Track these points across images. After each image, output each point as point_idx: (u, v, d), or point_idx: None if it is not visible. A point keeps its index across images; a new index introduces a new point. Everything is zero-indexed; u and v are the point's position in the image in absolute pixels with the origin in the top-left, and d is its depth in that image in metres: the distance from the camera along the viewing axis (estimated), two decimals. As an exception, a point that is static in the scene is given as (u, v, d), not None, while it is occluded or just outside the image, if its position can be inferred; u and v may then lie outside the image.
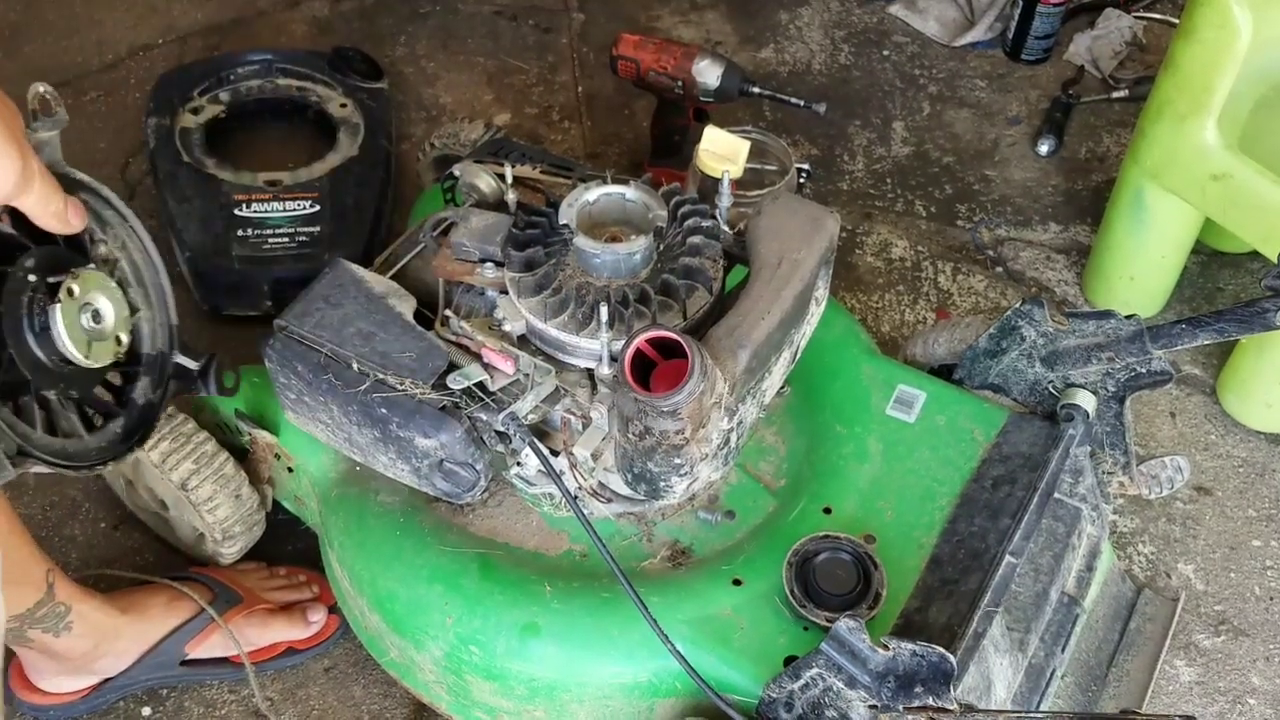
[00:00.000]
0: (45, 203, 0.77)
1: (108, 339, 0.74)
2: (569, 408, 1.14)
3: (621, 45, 1.72)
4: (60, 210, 0.79)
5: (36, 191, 0.76)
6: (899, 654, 0.99)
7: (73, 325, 0.73)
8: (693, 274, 1.12)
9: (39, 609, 1.18)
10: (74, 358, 0.72)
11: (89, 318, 0.75)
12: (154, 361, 0.76)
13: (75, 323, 0.73)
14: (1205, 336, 1.22)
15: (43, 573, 1.18)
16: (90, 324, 0.75)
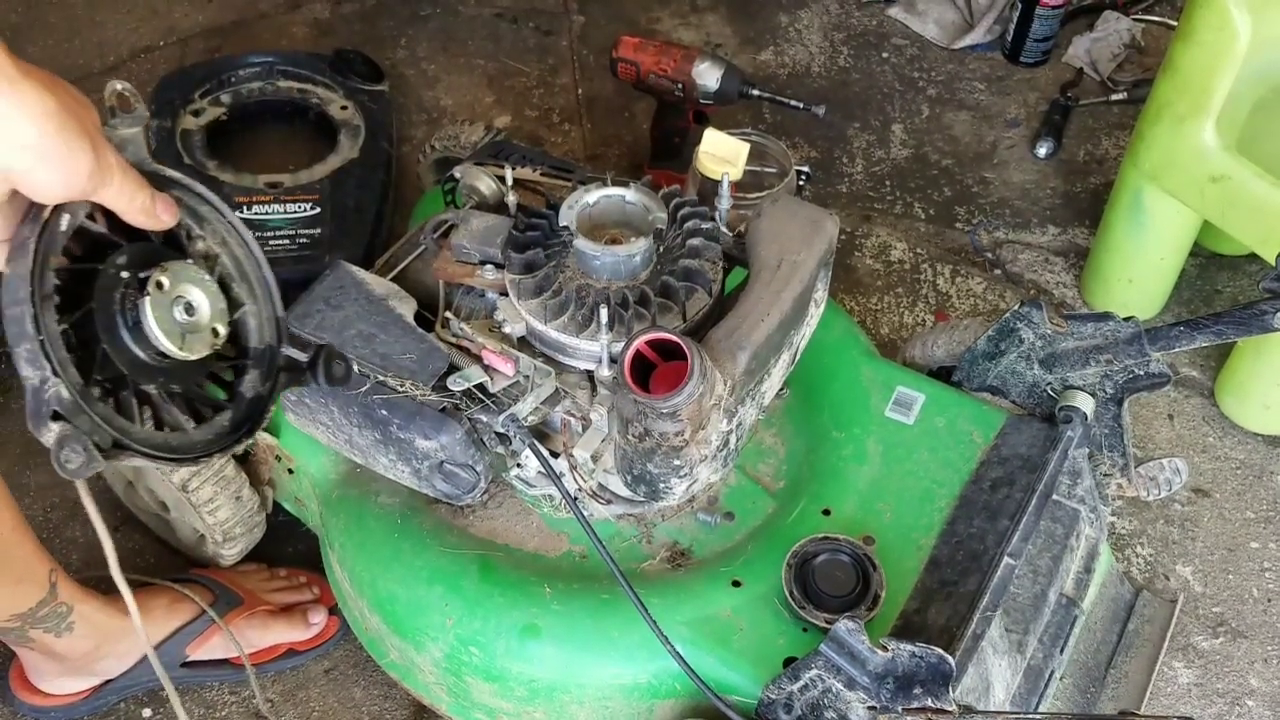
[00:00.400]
0: (129, 198, 0.77)
1: (203, 331, 0.74)
2: (569, 409, 1.14)
3: (621, 48, 1.72)
4: (147, 205, 0.78)
5: (116, 186, 0.76)
6: (898, 655, 0.99)
7: (164, 318, 0.73)
8: (692, 276, 1.12)
9: (41, 608, 1.18)
10: (168, 350, 0.72)
11: (182, 310, 0.75)
12: (262, 355, 0.77)
13: (167, 315, 0.73)
14: (1203, 339, 1.22)
15: (45, 572, 1.18)
16: (184, 316, 0.75)
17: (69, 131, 0.72)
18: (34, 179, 0.72)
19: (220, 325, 0.75)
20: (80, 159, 0.72)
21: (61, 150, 0.72)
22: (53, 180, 0.72)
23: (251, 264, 0.80)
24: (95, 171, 0.74)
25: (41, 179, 0.72)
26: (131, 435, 0.72)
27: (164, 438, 0.74)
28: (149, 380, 0.75)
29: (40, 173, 0.72)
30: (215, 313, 0.76)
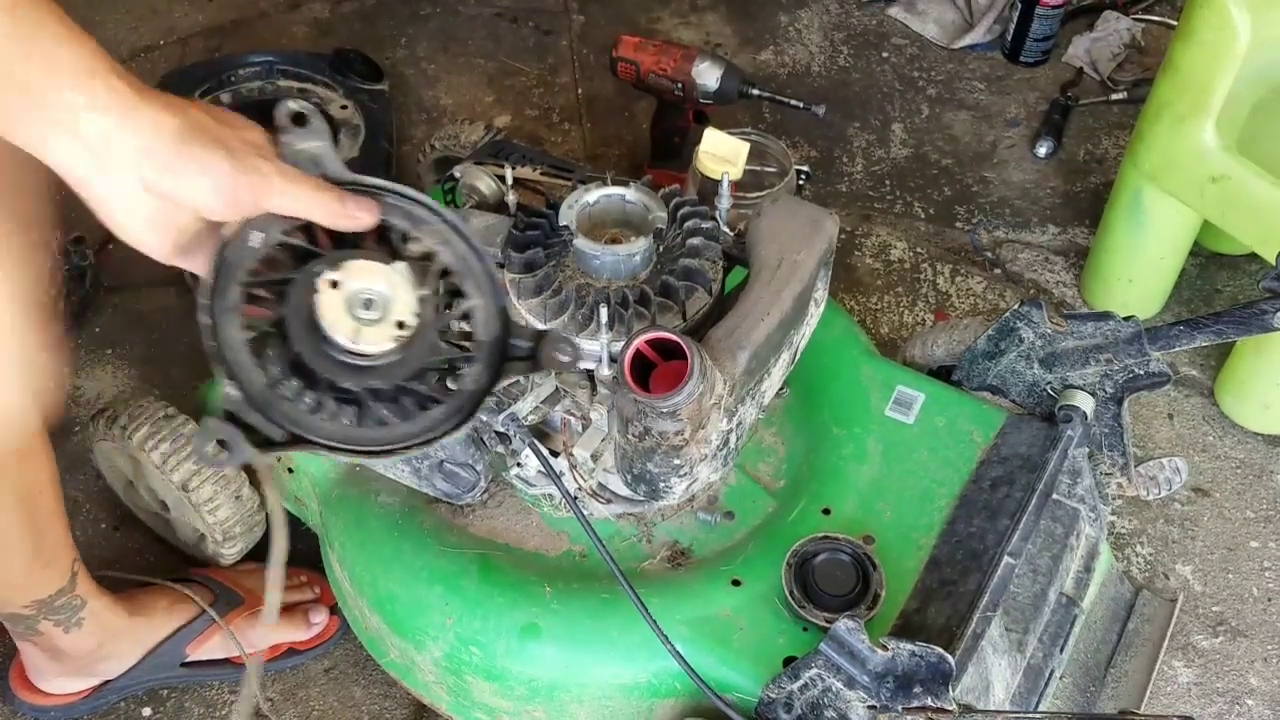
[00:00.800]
0: (309, 203, 0.78)
1: (385, 324, 0.74)
2: (569, 409, 1.14)
3: (621, 47, 1.72)
4: (335, 208, 0.79)
5: (284, 194, 0.77)
6: (898, 654, 0.99)
7: (337, 312, 0.74)
8: (692, 275, 1.12)
9: (59, 597, 1.18)
10: (340, 342, 0.74)
11: (361, 305, 0.75)
12: (488, 347, 0.78)
13: (342, 311, 0.74)
14: (1203, 338, 1.23)
15: (70, 561, 1.18)
16: (365, 312, 0.75)
17: (194, 145, 0.74)
18: (181, 196, 0.74)
19: (407, 317, 0.75)
20: (214, 171, 0.73)
21: (191, 164, 0.73)
22: (197, 194, 0.74)
23: (474, 259, 0.81)
24: (241, 182, 0.75)
25: (185, 195, 0.74)
26: (314, 430, 0.74)
27: (356, 432, 0.75)
28: (349, 379, 0.75)
29: (180, 189, 0.74)
30: (403, 306, 0.76)
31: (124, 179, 0.73)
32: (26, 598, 1.16)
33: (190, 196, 0.75)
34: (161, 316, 1.76)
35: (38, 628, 1.20)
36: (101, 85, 0.72)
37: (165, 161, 0.73)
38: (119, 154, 0.73)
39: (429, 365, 0.78)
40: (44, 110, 0.71)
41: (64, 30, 0.73)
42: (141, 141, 0.73)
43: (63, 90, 0.71)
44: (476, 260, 0.82)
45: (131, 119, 0.72)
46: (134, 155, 0.73)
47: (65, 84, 0.71)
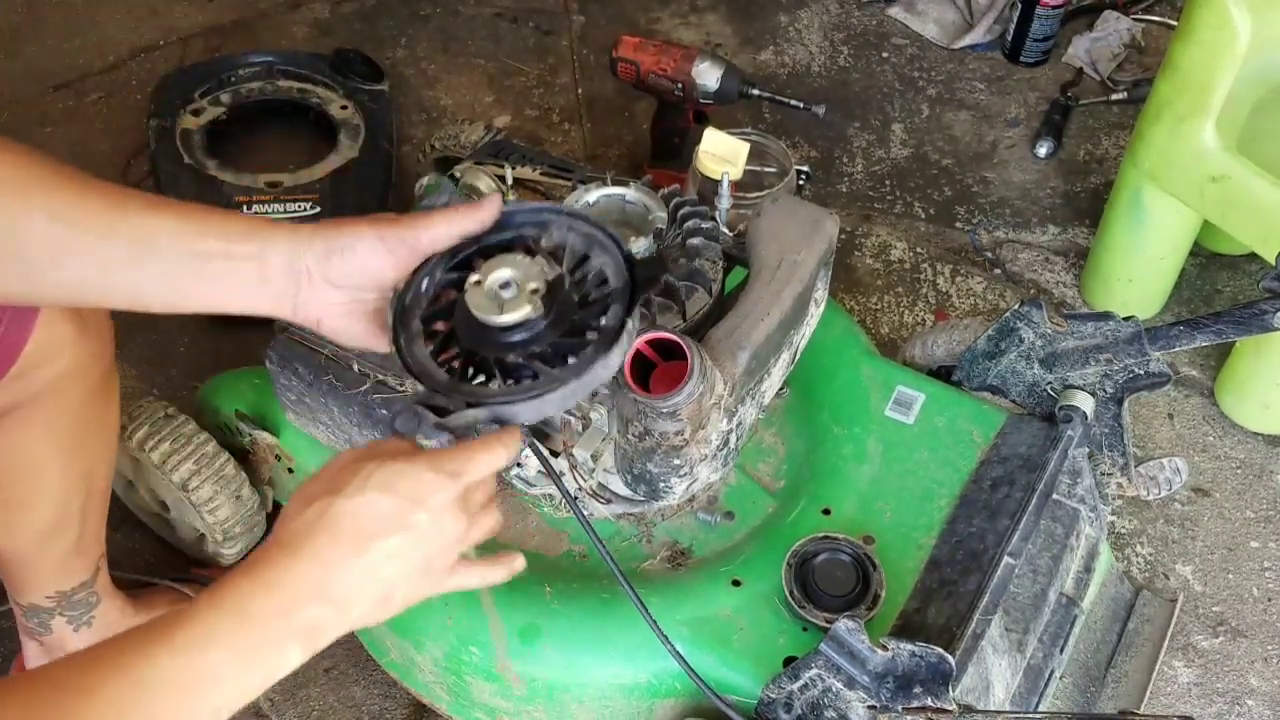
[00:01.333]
0: (449, 227, 0.88)
1: (523, 295, 0.85)
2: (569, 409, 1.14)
3: (621, 47, 1.72)
4: (464, 227, 0.88)
5: (432, 232, 0.87)
6: (898, 655, 0.99)
7: (481, 299, 0.85)
8: (692, 275, 1.12)
9: (79, 591, 1.19)
10: (488, 320, 0.84)
11: (498, 288, 0.86)
12: (620, 290, 0.89)
13: (486, 296, 0.85)
14: (1203, 338, 1.23)
15: (98, 555, 1.20)
16: (506, 292, 0.86)
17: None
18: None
19: (539, 285, 0.86)
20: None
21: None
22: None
23: (593, 229, 0.91)
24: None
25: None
26: (484, 395, 0.84)
27: (526, 386, 0.85)
28: (508, 351, 0.86)
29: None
30: (532, 276, 0.86)
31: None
32: (53, 586, 1.18)
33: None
34: (161, 317, 1.76)
35: (50, 624, 1.21)
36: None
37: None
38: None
39: (576, 321, 0.87)
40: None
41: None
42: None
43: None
44: (596, 229, 0.91)
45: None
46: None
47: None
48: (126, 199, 0.83)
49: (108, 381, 1.12)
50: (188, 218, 0.84)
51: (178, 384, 1.67)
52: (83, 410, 1.09)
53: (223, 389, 1.39)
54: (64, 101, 2.06)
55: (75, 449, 1.11)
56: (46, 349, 1.00)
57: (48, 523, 1.13)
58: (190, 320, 1.75)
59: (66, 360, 1.02)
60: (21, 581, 1.18)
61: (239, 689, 0.71)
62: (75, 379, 1.05)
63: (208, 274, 0.84)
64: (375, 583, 0.75)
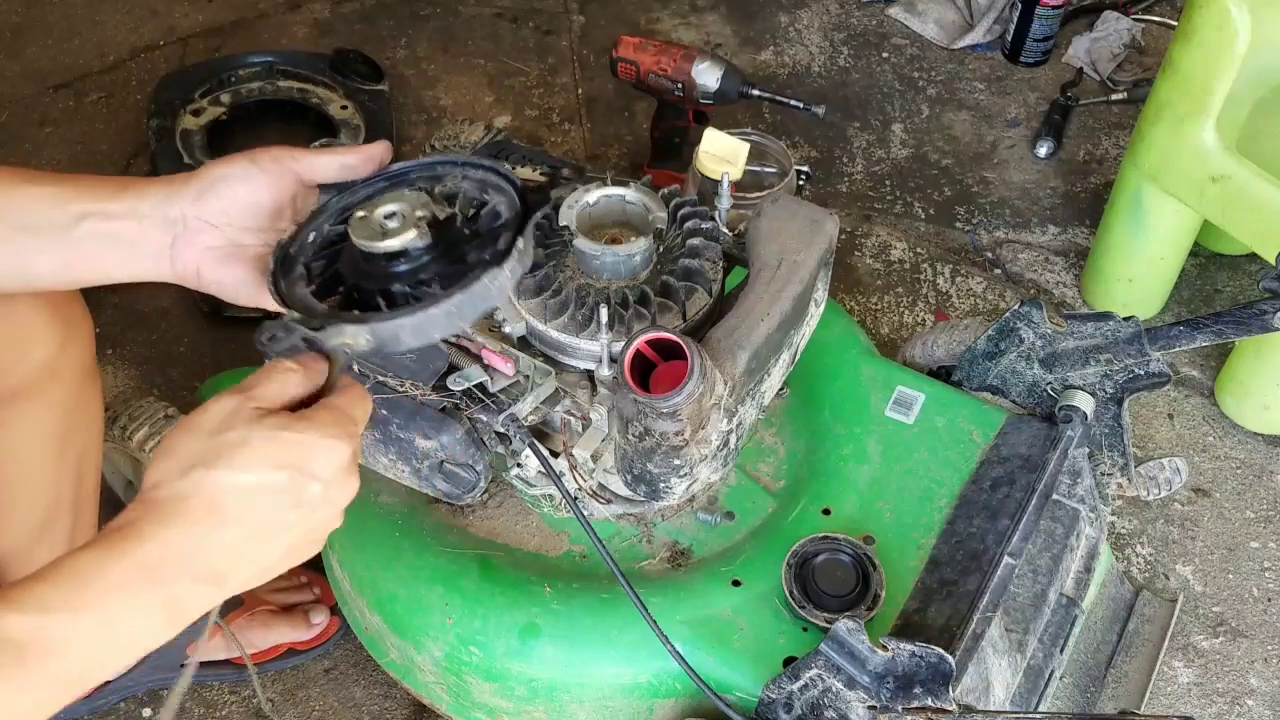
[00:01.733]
0: (332, 157, 0.86)
1: (407, 224, 0.83)
2: (569, 409, 1.14)
3: (621, 48, 1.72)
4: (348, 160, 0.87)
5: (313, 159, 0.85)
6: (898, 655, 0.99)
7: (365, 230, 0.83)
8: (692, 275, 1.12)
9: None
10: (373, 249, 0.82)
11: (382, 219, 0.84)
12: (510, 221, 0.87)
13: (370, 227, 0.83)
14: (1203, 338, 1.23)
15: None
16: (390, 223, 0.84)
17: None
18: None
19: (424, 213, 0.84)
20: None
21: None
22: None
23: (487, 172, 0.90)
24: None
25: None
26: (365, 317, 0.80)
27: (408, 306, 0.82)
28: (393, 281, 0.83)
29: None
30: (419, 208, 0.84)
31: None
32: None
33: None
34: (161, 317, 1.76)
35: None
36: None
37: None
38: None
39: (464, 250, 0.85)
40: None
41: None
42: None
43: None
44: (488, 172, 0.89)
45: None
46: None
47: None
48: (3, 175, 0.80)
49: (90, 373, 1.11)
50: (63, 184, 0.81)
51: (178, 384, 1.67)
52: (66, 404, 1.08)
53: (223, 389, 1.38)
54: (64, 101, 2.07)
55: (63, 445, 1.10)
56: (15, 344, 0.98)
57: (38, 521, 1.12)
58: (190, 320, 1.75)
59: (42, 353, 1.01)
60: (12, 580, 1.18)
61: (94, 661, 0.67)
62: (56, 372, 1.04)
63: (86, 238, 0.81)
64: (259, 557, 0.71)
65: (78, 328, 1.05)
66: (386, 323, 0.80)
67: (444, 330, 0.84)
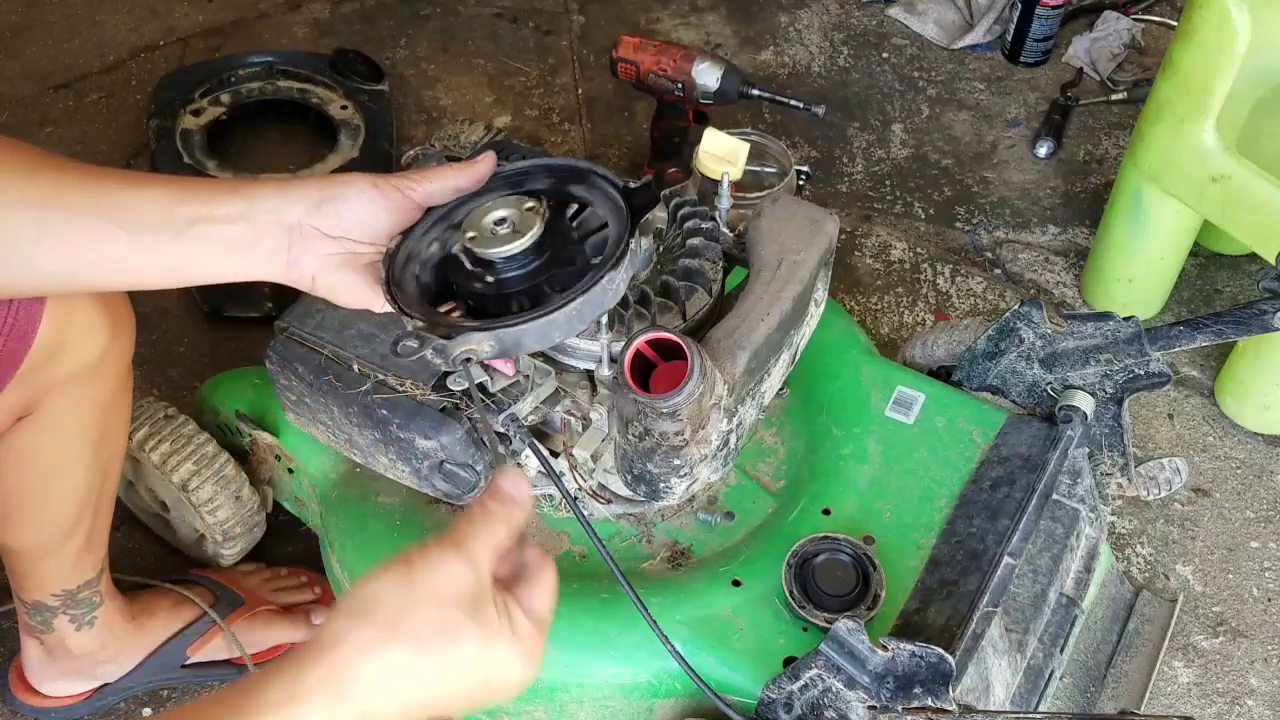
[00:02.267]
0: (444, 181, 0.90)
1: (518, 231, 0.87)
2: (569, 409, 1.14)
3: (621, 47, 1.72)
4: (459, 182, 0.90)
5: (427, 184, 0.89)
6: (898, 655, 0.99)
7: (478, 238, 0.87)
8: (692, 275, 1.12)
9: (83, 590, 1.19)
10: (488, 255, 0.86)
11: (494, 225, 0.88)
12: (617, 222, 0.91)
13: (482, 236, 0.87)
14: (1203, 338, 1.23)
15: (103, 555, 1.21)
16: (499, 229, 0.88)
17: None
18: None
19: (533, 220, 0.87)
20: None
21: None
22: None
23: (583, 169, 0.92)
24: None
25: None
26: (489, 323, 0.86)
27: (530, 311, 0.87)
28: (508, 287, 0.87)
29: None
30: (527, 214, 0.88)
31: None
32: (60, 585, 1.18)
33: None
34: (161, 317, 1.76)
35: (53, 623, 1.21)
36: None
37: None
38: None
39: (574, 253, 0.89)
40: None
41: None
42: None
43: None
44: (584, 169, 0.92)
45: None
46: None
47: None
48: (105, 176, 0.82)
49: (128, 373, 1.12)
50: (169, 186, 0.83)
51: (178, 384, 1.67)
52: (106, 403, 1.09)
53: (223, 389, 1.39)
54: (64, 101, 2.07)
55: (100, 442, 1.11)
56: (70, 335, 0.99)
57: (70, 518, 1.13)
58: (190, 320, 1.75)
59: (95, 348, 1.02)
60: (29, 578, 1.18)
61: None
62: (103, 369, 1.05)
63: (196, 240, 0.83)
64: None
65: (123, 326, 1.06)
66: (511, 329, 0.83)
67: (565, 334, 0.88)
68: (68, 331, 0.98)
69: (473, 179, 0.90)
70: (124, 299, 1.07)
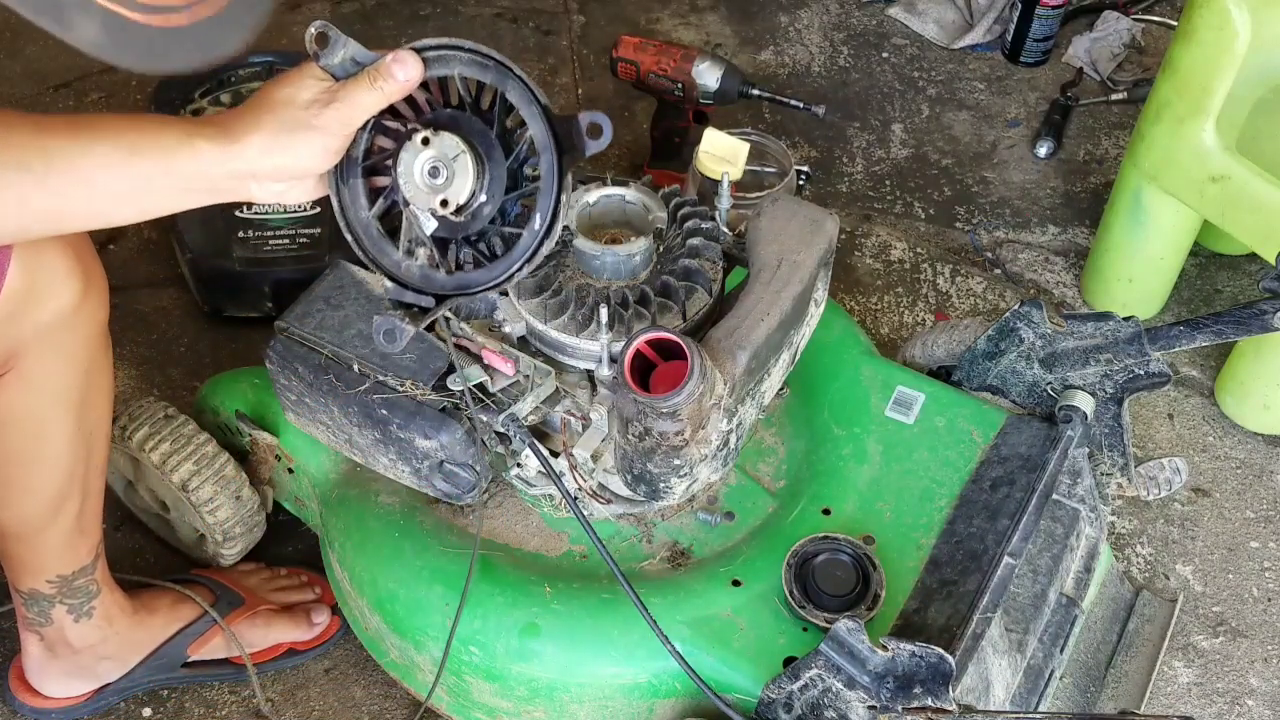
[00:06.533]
0: (371, 100, 0.89)
1: (437, 193, 0.91)
2: (569, 409, 1.14)
3: (621, 47, 1.72)
4: (386, 86, 0.90)
5: (358, 106, 0.89)
6: (898, 655, 0.99)
7: (420, 191, 0.91)
8: (692, 275, 1.12)
9: (79, 577, 1.20)
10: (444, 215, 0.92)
11: (428, 176, 0.91)
12: (550, 154, 0.93)
13: (422, 188, 0.91)
14: (1203, 338, 1.23)
15: (97, 539, 1.21)
16: (435, 181, 0.91)
17: (286, 141, 0.88)
18: (300, 171, 0.90)
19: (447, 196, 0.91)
20: (309, 150, 0.88)
21: (295, 159, 0.88)
22: (311, 167, 0.90)
23: (503, 73, 0.93)
24: (330, 142, 0.88)
25: (304, 169, 0.90)
26: (445, 285, 0.93)
27: (480, 273, 0.93)
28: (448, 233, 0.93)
29: (298, 171, 0.90)
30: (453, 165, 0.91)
31: (266, 190, 0.91)
32: (55, 570, 1.18)
33: (308, 169, 0.90)
34: (161, 316, 1.76)
35: (51, 614, 1.21)
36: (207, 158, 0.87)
37: (278, 169, 0.89)
38: (251, 186, 0.90)
39: (514, 196, 0.92)
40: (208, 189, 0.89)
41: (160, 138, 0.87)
42: (255, 167, 0.88)
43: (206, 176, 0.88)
44: (485, 59, 0.92)
45: (241, 162, 0.87)
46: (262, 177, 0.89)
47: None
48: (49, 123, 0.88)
49: (105, 335, 1.12)
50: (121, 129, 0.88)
51: (178, 384, 1.67)
52: (84, 363, 1.09)
53: (223, 389, 1.39)
54: (64, 101, 2.06)
55: (81, 408, 1.11)
56: (39, 285, 1.00)
57: (57, 487, 1.13)
58: (190, 320, 1.75)
59: (68, 298, 1.03)
60: (24, 562, 1.18)
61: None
62: (78, 325, 1.06)
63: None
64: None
65: (95, 277, 1.07)
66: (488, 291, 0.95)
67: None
68: (38, 277, 0.99)
69: (390, 96, 0.91)
70: (93, 252, 1.08)
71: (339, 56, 0.89)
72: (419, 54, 0.90)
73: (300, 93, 0.88)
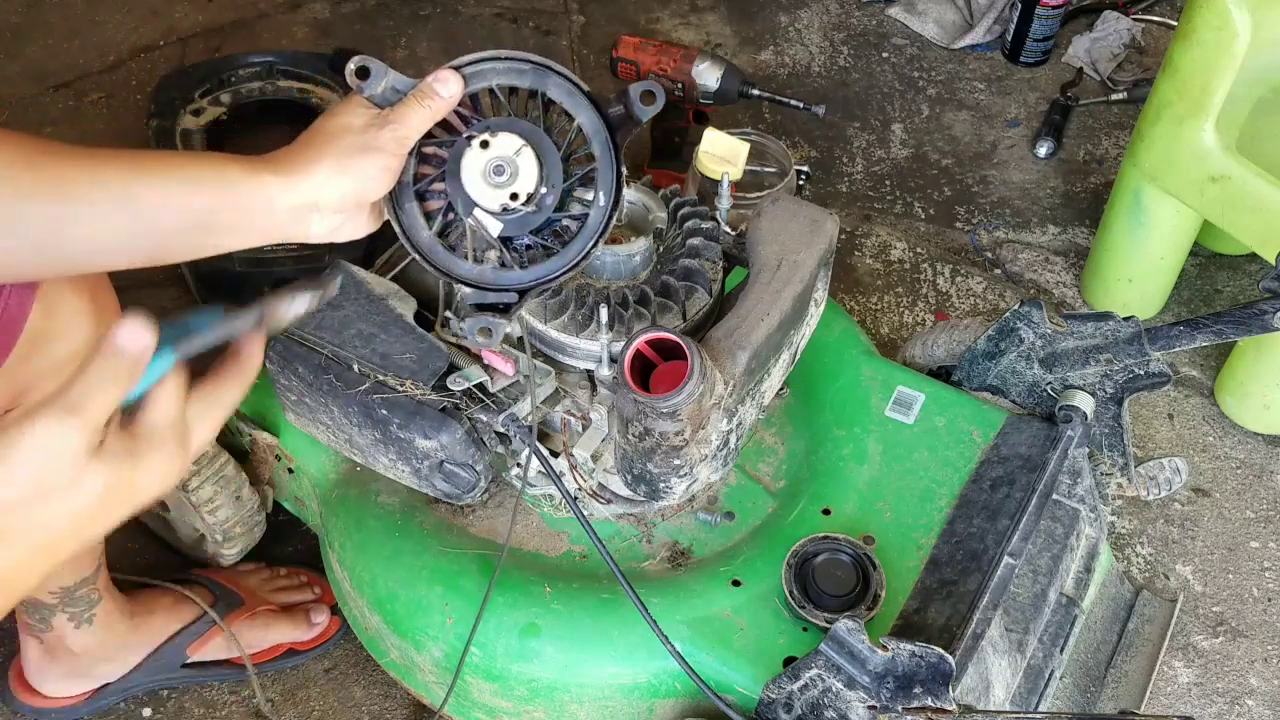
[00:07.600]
0: (421, 120, 0.91)
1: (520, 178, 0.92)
2: (569, 409, 1.14)
3: (621, 47, 1.72)
4: (431, 111, 0.91)
5: (410, 125, 0.91)
6: (898, 655, 0.99)
7: (487, 190, 0.92)
8: (692, 275, 1.12)
9: (81, 587, 1.19)
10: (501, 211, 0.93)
11: (493, 175, 0.92)
12: (600, 140, 0.94)
13: (489, 187, 0.92)
14: (1203, 338, 1.23)
15: (99, 552, 1.20)
16: (499, 178, 0.92)
17: (351, 164, 0.90)
18: (364, 198, 0.91)
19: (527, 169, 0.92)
20: (370, 172, 0.90)
21: (358, 182, 0.90)
22: (372, 192, 0.91)
23: (548, 73, 0.95)
24: (389, 161, 0.90)
25: (367, 195, 0.92)
26: (521, 280, 0.94)
27: (554, 263, 0.94)
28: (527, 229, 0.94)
29: (362, 197, 0.91)
30: (517, 161, 0.93)
31: (325, 224, 0.92)
32: (57, 582, 1.18)
33: (371, 192, 0.92)
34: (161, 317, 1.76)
35: (52, 621, 1.21)
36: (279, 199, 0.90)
37: (344, 196, 0.91)
38: (313, 219, 0.92)
39: (574, 180, 0.95)
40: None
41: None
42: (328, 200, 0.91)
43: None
44: (554, 75, 0.94)
45: (309, 190, 0.90)
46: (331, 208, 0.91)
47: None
48: (102, 157, 0.85)
49: None
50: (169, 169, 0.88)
51: (178, 384, 1.67)
52: None
53: (223, 389, 1.38)
54: (64, 101, 2.07)
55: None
56: (58, 326, 0.99)
57: None
58: (190, 320, 1.75)
59: (80, 338, 1.02)
60: None
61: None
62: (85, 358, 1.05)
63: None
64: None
65: (108, 320, 1.07)
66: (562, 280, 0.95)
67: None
68: (55, 320, 0.99)
69: (435, 114, 0.93)
70: (108, 288, 1.08)
71: (381, 86, 0.92)
72: (457, 70, 0.93)
73: (354, 120, 0.91)
